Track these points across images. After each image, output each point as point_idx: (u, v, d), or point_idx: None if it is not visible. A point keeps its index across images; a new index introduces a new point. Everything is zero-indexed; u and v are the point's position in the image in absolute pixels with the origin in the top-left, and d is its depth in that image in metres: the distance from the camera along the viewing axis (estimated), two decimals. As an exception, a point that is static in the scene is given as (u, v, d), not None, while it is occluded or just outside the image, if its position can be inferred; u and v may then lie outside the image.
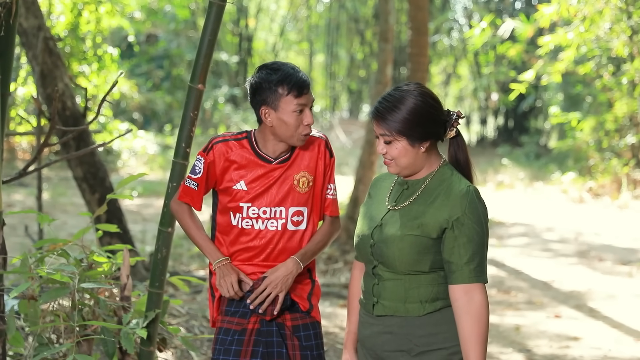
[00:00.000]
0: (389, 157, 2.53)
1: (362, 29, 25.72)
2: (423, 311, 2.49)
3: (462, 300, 2.43)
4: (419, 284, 2.50)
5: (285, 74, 2.76)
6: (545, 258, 9.04)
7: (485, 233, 2.47)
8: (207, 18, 2.96)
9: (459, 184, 2.49)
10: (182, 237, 9.47)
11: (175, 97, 21.76)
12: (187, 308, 5.84)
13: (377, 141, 2.56)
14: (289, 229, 2.87)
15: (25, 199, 12.15)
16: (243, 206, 2.85)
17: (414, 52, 8.33)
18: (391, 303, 2.52)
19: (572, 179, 14.87)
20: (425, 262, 2.48)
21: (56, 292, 3.02)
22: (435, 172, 2.54)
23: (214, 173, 2.86)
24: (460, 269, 2.43)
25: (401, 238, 2.48)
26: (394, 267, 2.50)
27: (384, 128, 2.49)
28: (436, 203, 2.48)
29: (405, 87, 2.53)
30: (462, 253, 2.43)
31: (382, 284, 2.53)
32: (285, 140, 2.82)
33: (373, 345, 2.57)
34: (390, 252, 2.49)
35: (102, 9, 9.58)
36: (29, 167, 3.45)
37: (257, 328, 2.87)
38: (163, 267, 3.07)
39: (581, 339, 5.86)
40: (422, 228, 2.47)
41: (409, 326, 2.50)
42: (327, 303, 6.83)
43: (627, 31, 10.55)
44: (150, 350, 3.16)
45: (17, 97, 11.71)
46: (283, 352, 2.86)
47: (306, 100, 2.78)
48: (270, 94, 2.76)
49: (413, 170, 2.54)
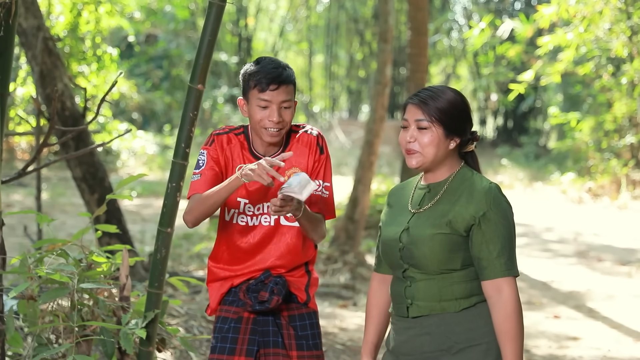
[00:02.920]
0: (416, 147, 2.53)
1: (362, 29, 25.72)
2: (459, 307, 2.49)
3: (494, 296, 2.44)
4: (452, 282, 2.50)
5: (259, 68, 2.79)
6: (545, 258, 9.04)
7: (512, 226, 2.49)
8: (207, 18, 2.96)
9: (481, 182, 2.52)
10: (182, 237, 9.48)
11: (175, 98, 21.76)
12: (186, 308, 5.83)
13: (405, 130, 2.56)
14: (282, 224, 2.88)
15: (24, 199, 12.15)
16: (240, 201, 2.87)
17: (413, 52, 8.33)
18: (426, 303, 2.51)
19: (572, 179, 14.88)
20: (456, 260, 2.49)
21: (55, 293, 3.02)
22: (456, 173, 2.56)
23: (219, 163, 2.87)
24: (491, 264, 2.45)
25: (431, 237, 2.48)
26: (426, 267, 2.50)
27: (425, 113, 2.51)
28: (461, 201, 2.50)
29: (442, 86, 2.60)
30: (491, 248, 2.45)
31: (415, 285, 2.53)
32: (256, 134, 2.84)
33: (411, 350, 2.54)
34: (422, 253, 2.49)
35: (101, 9, 9.58)
36: (28, 167, 3.45)
37: (254, 317, 2.89)
38: (162, 267, 3.07)
39: (580, 339, 5.86)
40: (450, 226, 2.48)
41: (447, 324, 2.50)
42: (327, 303, 6.82)
43: (627, 32, 10.56)
44: (149, 351, 3.16)
45: (16, 97, 11.70)
46: (279, 341, 2.87)
47: (271, 97, 2.77)
48: (245, 86, 2.82)
49: (433, 165, 2.55)
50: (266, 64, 2.79)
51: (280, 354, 2.87)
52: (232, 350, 2.86)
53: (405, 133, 2.56)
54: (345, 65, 28.06)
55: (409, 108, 2.56)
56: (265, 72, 2.77)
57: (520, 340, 2.44)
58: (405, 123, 2.57)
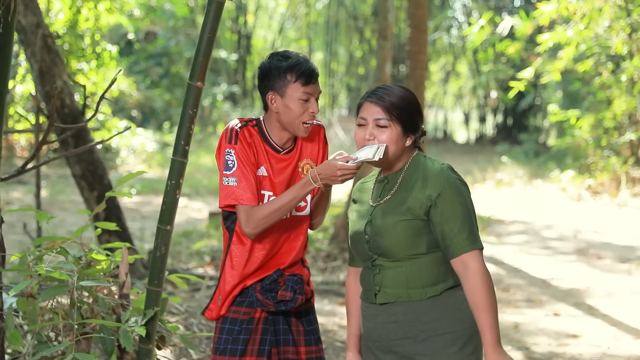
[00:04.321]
0: (374, 143, 2.58)
1: (361, 26, 25.70)
2: (425, 295, 2.54)
3: (462, 272, 2.50)
4: (419, 268, 2.55)
5: (295, 62, 2.80)
6: (544, 256, 9.04)
7: (468, 202, 2.54)
8: (206, 15, 2.95)
9: (433, 165, 2.58)
10: (181, 234, 9.48)
11: (174, 95, 21.76)
12: (186, 306, 5.84)
13: (361, 128, 2.62)
14: (293, 214, 2.89)
15: (23, 196, 12.14)
16: (265, 194, 2.84)
17: (413, 49, 8.32)
18: (393, 290, 2.56)
19: (571, 176, 14.87)
20: (421, 244, 2.54)
21: (55, 290, 3.02)
22: (410, 162, 2.63)
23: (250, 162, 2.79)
24: (454, 241, 2.50)
25: (394, 225, 2.54)
26: (393, 254, 2.55)
27: (383, 111, 2.57)
28: (416, 186, 2.56)
29: (394, 85, 2.68)
30: (452, 226, 2.50)
31: (383, 273, 2.58)
32: (288, 128, 2.83)
33: (379, 337, 2.60)
34: (387, 242, 2.55)
35: (100, 6, 9.57)
36: (28, 165, 3.44)
37: (265, 316, 2.87)
38: (162, 264, 3.06)
39: (580, 336, 5.86)
40: (410, 212, 2.54)
41: (413, 312, 2.55)
42: (326, 301, 6.82)
43: (627, 29, 10.55)
44: (149, 348, 3.15)
45: (15, 94, 11.69)
46: (289, 339, 2.89)
47: (312, 90, 2.83)
48: (278, 80, 2.80)
49: (392, 161, 2.61)
50: (299, 58, 2.82)
51: (290, 351, 2.89)
52: (243, 351, 2.84)
53: (362, 131, 2.61)
54: (344, 62, 28.06)
55: (366, 106, 2.61)
56: (306, 65, 2.80)
57: (494, 310, 2.48)
58: (362, 121, 2.62)
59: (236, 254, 2.87)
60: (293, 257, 2.91)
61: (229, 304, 2.89)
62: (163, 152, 18.51)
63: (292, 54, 2.84)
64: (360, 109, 2.63)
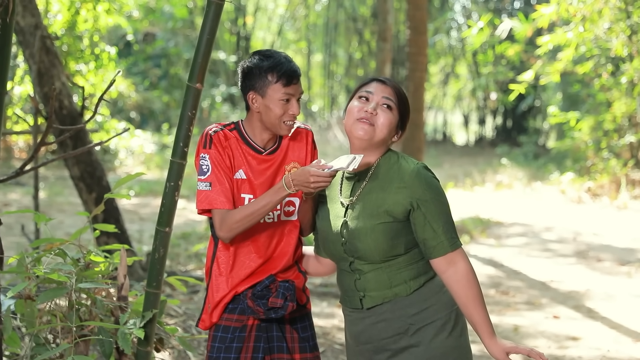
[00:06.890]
0: (372, 120, 2.58)
1: (361, 28, 25.70)
2: (409, 290, 2.57)
3: (448, 270, 2.52)
4: (399, 268, 2.57)
5: (276, 62, 2.76)
6: (544, 258, 9.03)
7: (446, 201, 2.58)
8: (206, 17, 2.94)
9: (408, 165, 2.58)
10: (180, 236, 9.46)
11: (173, 96, 21.75)
12: (184, 308, 5.82)
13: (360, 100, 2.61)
14: (282, 219, 2.86)
15: (21, 198, 12.13)
16: (244, 197, 2.80)
17: (412, 51, 8.32)
18: (378, 292, 2.58)
19: (571, 179, 14.86)
20: (400, 246, 2.56)
21: (53, 292, 3.00)
22: (381, 158, 2.63)
23: (225, 165, 2.78)
24: (439, 242, 2.52)
25: (372, 229, 2.54)
26: (372, 257, 2.56)
27: (394, 93, 2.60)
28: (393, 187, 2.56)
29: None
30: (435, 227, 2.52)
31: (364, 277, 2.59)
32: (270, 128, 2.81)
33: (369, 338, 2.60)
34: (365, 245, 2.55)
35: (99, 8, 9.55)
36: (26, 166, 3.42)
37: (257, 323, 2.84)
38: (160, 267, 3.05)
39: (580, 339, 5.84)
40: (389, 214, 2.54)
41: (400, 308, 2.57)
42: (325, 303, 6.80)
43: (626, 31, 10.54)
44: (148, 351, 3.14)
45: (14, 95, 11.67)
46: (283, 346, 2.85)
47: (293, 91, 2.77)
48: (259, 80, 2.77)
49: (375, 147, 2.61)
50: (280, 58, 2.78)
51: (285, 358, 2.86)
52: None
53: (363, 104, 2.60)
54: (344, 64, 28.04)
55: (375, 84, 2.62)
56: (287, 66, 2.76)
57: (484, 303, 2.53)
58: (366, 94, 2.61)
59: (223, 260, 2.85)
60: (285, 262, 2.86)
61: (220, 312, 2.85)
62: (162, 154, 18.50)
63: (274, 54, 2.79)
64: (365, 85, 2.62)
